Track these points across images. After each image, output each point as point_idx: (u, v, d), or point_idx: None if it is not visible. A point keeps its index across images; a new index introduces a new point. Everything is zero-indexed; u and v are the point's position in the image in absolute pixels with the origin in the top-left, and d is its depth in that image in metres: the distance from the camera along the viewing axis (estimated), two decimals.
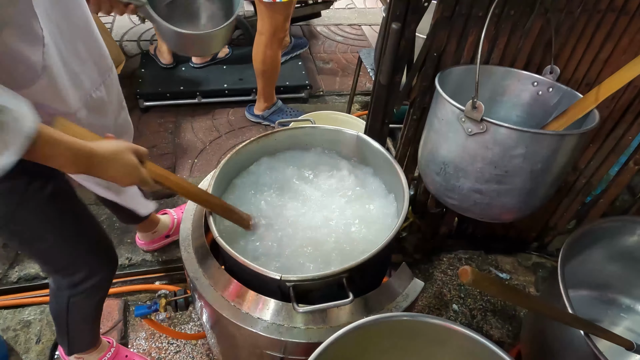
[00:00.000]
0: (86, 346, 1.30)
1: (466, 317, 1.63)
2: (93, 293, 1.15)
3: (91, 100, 1.03)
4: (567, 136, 0.94)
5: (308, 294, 0.90)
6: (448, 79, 1.11)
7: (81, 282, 1.10)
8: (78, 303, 1.14)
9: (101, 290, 1.19)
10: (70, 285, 1.10)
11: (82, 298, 1.14)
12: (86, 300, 1.15)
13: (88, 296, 1.14)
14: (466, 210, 1.09)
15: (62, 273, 1.09)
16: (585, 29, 1.16)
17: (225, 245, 0.89)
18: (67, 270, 1.08)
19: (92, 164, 0.74)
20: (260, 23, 2.03)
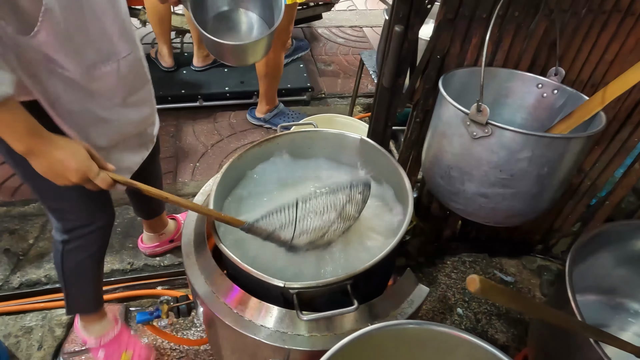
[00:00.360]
0: (85, 307, 1.31)
1: (471, 321, 1.62)
2: (86, 244, 1.16)
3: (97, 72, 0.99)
4: (573, 139, 0.92)
5: (312, 301, 0.88)
6: (451, 81, 1.10)
7: (74, 229, 1.12)
8: (72, 253, 1.16)
9: (95, 243, 1.18)
10: (64, 230, 1.12)
11: (76, 247, 1.15)
12: (80, 251, 1.16)
13: (80, 247, 1.15)
14: (471, 215, 1.08)
15: (57, 214, 1.10)
16: (590, 29, 1.15)
17: (228, 252, 0.87)
18: (62, 213, 1.10)
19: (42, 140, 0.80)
20: None
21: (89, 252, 1.18)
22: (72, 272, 1.21)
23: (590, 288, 1.13)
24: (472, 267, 1.80)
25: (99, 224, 1.15)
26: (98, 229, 1.15)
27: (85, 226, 1.13)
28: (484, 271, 1.79)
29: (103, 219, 1.16)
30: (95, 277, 1.27)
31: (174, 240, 1.71)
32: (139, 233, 1.71)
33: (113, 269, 1.66)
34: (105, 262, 1.66)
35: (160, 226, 1.64)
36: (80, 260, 1.18)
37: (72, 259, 1.17)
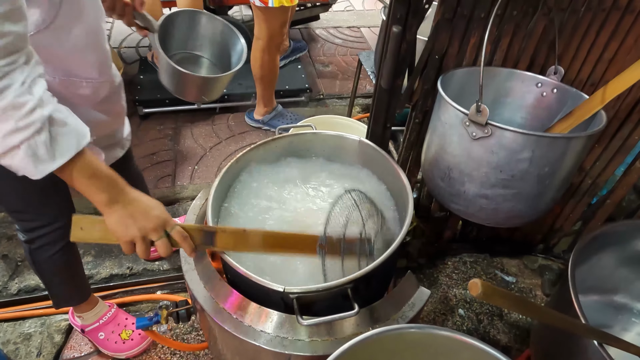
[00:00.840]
0: (71, 300, 1.34)
1: (472, 322, 1.61)
2: (50, 242, 1.16)
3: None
4: (574, 139, 0.91)
5: (312, 305, 0.88)
6: (450, 81, 1.09)
7: (34, 229, 1.13)
8: (39, 252, 1.17)
9: (59, 241, 1.18)
10: (24, 230, 1.13)
11: (40, 247, 1.16)
12: (45, 250, 1.17)
13: (45, 245, 1.16)
14: (472, 216, 1.07)
15: (16, 216, 1.12)
16: (589, 28, 1.14)
17: (227, 257, 0.87)
18: (21, 214, 1.11)
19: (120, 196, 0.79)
20: (257, 28, 2.02)
21: (55, 250, 1.18)
22: (45, 269, 1.23)
23: (593, 288, 1.12)
24: (473, 268, 1.79)
25: (59, 224, 1.15)
26: (58, 228, 1.15)
27: (45, 226, 1.13)
28: (485, 271, 1.78)
29: (62, 219, 1.15)
30: (72, 270, 1.28)
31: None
32: None
33: (112, 274, 1.65)
34: (105, 266, 1.67)
35: None
36: (48, 257, 1.18)
37: (40, 257, 1.18)
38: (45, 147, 0.70)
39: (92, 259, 1.69)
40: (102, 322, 1.41)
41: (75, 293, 1.33)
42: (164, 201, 1.94)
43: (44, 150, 0.70)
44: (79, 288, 1.33)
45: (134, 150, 2.21)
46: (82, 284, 1.35)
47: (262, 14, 1.94)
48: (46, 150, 0.70)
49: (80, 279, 1.33)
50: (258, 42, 2.05)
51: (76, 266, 1.29)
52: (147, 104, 2.39)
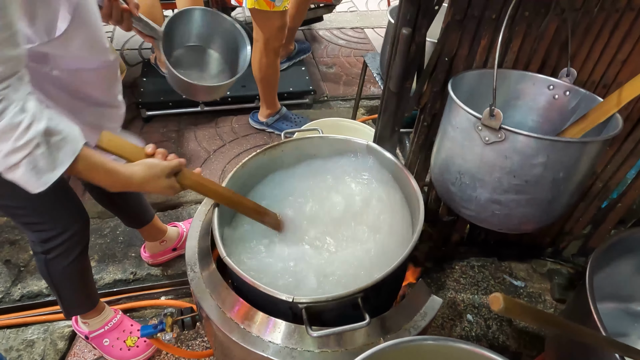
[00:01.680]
0: (82, 308, 1.33)
1: (481, 327, 1.58)
2: (67, 250, 1.15)
3: None
4: (590, 143, 0.89)
5: (321, 315, 0.85)
6: (461, 84, 1.07)
7: (50, 239, 1.12)
8: (54, 262, 1.16)
9: (75, 248, 1.18)
10: (41, 241, 1.12)
11: (56, 256, 1.15)
12: (62, 259, 1.16)
13: (61, 254, 1.15)
14: (484, 222, 1.05)
15: (31, 227, 1.11)
16: (602, 28, 1.11)
17: (234, 265, 0.84)
18: (35, 225, 1.10)
19: (128, 187, 0.86)
20: (255, 31, 2.00)
21: (72, 257, 1.17)
22: (60, 279, 1.21)
23: (609, 296, 1.09)
24: (480, 272, 1.77)
25: (74, 229, 1.14)
26: (74, 234, 1.15)
27: (61, 234, 1.12)
28: (493, 276, 1.76)
29: (77, 224, 1.15)
30: (85, 278, 1.28)
31: (176, 248, 1.68)
32: (142, 242, 1.68)
33: (116, 279, 1.63)
34: (108, 272, 1.65)
35: (159, 234, 1.62)
36: (65, 266, 1.17)
37: (57, 267, 1.17)
38: (45, 159, 0.74)
39: (95, 264, 1.67)
40: (108, 329, 1.39)
41: (86, 300, 1.32)
42: (167, 205, 1.93)
43: (44, 162, 0.74)
44: (89, 295, 1.32)
45: None
46: (92, 291, 1.34)
47: (261, 17, 1.92)
48: (46, 162, 0.74)
49: (91, 285, 1.32)
50: (256, 45, 2.03)
51: (89, 272, 1.29)
52: (150, 107, 2.37)
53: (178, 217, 1.88)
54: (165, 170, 0.88)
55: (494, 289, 1.71)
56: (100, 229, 1.80)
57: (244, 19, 3.40)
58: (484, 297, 1.68)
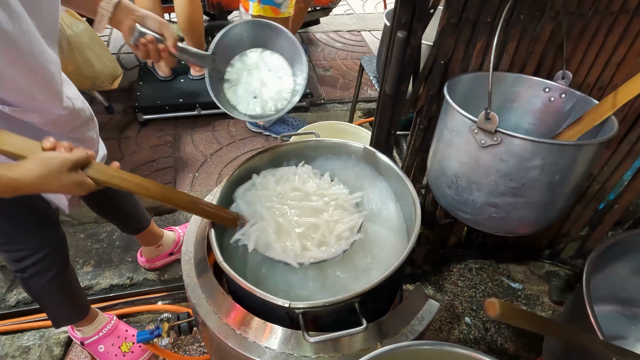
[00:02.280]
0: (69, 319, 1.31)
1: (479, 330, 1.58)
2: (42, 270, 1.11)
3: None
4: (586, 146, 0.89)
5: (318, 320, 0.85)
6: (456, 87, 1.07)
7: (22, 259, 1.08)
8: (31, 280, 1.12)
9: (51, 267, 1.13)
10: (12, 260, 1.08)
11: (32, 275, 1.11)
12: (38, 277, 1.12)
13: (37, 274, 1.11)
14: (480, 225, 1.04)
15: (1, 247, 1.07)
16: (597, 31, 1.12)
17: (230, 270, 0.84)
18: (4, 246, 1.06)
19: (20, 189, 0.69)
20: None
21: (49, 276, 1.13)
22: (40, 295, 1.18)
23: (607, 298, 1.09)
24: (478, 274, 1.77)
25: (46, 251, 1.10)
26: (47, 255, 1.10)
27: (31, 255, 1.08)
28: (491, 278, 1.76)
29: (49, 245, 1.11)
30: (69, 293, 1.25)
31: (173, 253, 1.68)
32: (139, 246, 1.67)
33: (112, 284, 1.63)
34: (104, 277, 1.65)
35: (155, 239, 1.61)
36: (42, 284, 1.14)
37: (34, 284, 1.13)
38: None
39: (91, 269, 1.66)
40: (102, 335, 1.38)
41: (73, 312, 1.30)
42: (164, 209, 1.92)
43: None
44: (76, 307, 1.30)
45: (134, 158, 2.19)
46: (80, 303, 1.31)
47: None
48: None
49: (78, 298, 1.30)
50: None
51: (72, 287, 1.25)
52: (147, 111, 2.36)
53: (175, 221, 1.88)
54: (65, 163, 0.70)
55: (491, 292, 1.71)
56: (96, 234, 1.79)
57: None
58: (482, 299, 1.68)
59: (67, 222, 1.83)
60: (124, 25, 0.91)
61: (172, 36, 0.93)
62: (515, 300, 1.68)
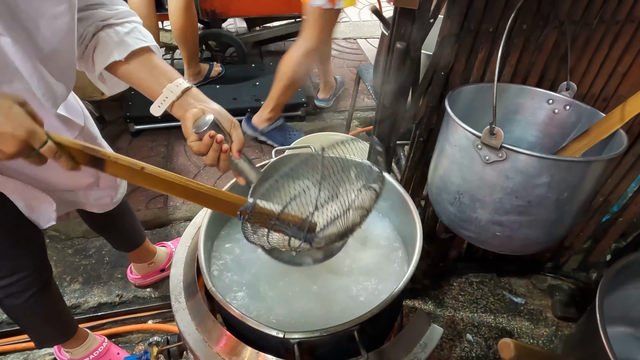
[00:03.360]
0: (52, 340, 1.26)
1: (482, 347, 1.53)
2: (17, 292, 1.04)
3: None
4: (595, 162, 0.85)
5: (315, 350, 0.80)
6: (457, 99, 1.03)
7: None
8: (7, 301, 1.06)
9: (27, 290, 1.06)
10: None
11: (8, 296, 1.04)
12: (14, 299, 1.05)
13: (13, 295, 1.04)
14: (484, 243, 1.00)
15: None
16: (602, 41, 1.08)
17: (221, 297, 0.79)
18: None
19: None
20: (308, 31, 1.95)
21: (25, 297, 1.07)
22: (17, 315, 1.12)
23: (617, 319, 1.05)
24: (479, 289, 1.72)
25: (21, 275, 1.03)
26: (24, 277, 1.03)
27: (11, 275, 1.01)
28: (493, 292, 1.71)
29: (25, 269, 1.03)
30: (50, 314, 1.18)
31: (165, 269, 1.62)
32: (129, 262, 1.61)
33: (100, 302, 1.56)
34: (92, 294, 1.58)
35: (147, 256, 1.55)
36: (19, 304, 1.07)
37: (11, 304, 1.07)
38: None
39: (79, 286, 1.60)
40: (93, 358, 1.32)
41: (58, 332, 1.24)
42: (156, 223, 1.87)
43: None
44: (61, 327, 1.24)
45: None
46: (65, 323, 1.25)
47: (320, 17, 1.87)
48: None
49: (62, 318, 1.23)
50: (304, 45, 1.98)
51: (55, 307, 1.19)
52: (138, 121, 2.31)
53: (167, 235, 1.82)
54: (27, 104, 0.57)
55: (493, 307, 1.66)
56: (85, 249, 1.73)
57: (236, 31, 3.36)
58: (483, 315, 1.63)
59: (55, 237, 1.77)
60: (189, 113, 0.76)
61: (240, 140, 0.79)
62: (518, 315, 1.63)
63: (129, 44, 0.79)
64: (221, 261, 0.99)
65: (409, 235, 0.98)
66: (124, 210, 1.36)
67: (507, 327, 1.58)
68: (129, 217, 1.41)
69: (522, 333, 1.56)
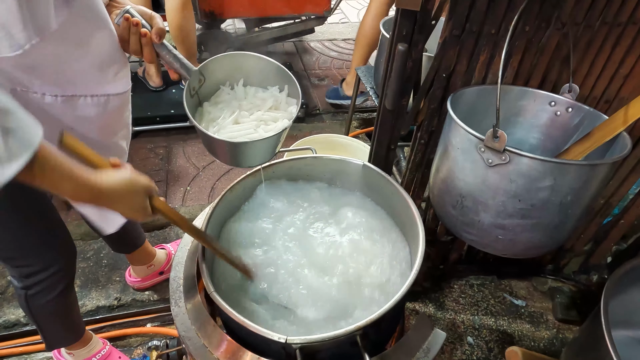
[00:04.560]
0: (64, 341, 1.26)
1: (482, 350, 1.52)
2: (49, 287, 1.07)
3: None
4: (599, 165, 0.84)
5: (317, 355, 0.79)
6: (459, 101, 1.02)
7: (32, 275, 1.03)
8: (36, 298, 1.07)
9: (58, 284, 1.09)
10: (21, 276, 1.04)
11: (38, 292, 1.06)
12: (43, 295, 1.07)
13: (43, 290, 1.07)
14: (487, 247, 0.99)
15: (10, 262, 1.02)
16: (604, 43, 1.08)
17: (222, 302, 0.78)
18: (15, 261, 1.01)
19: (95, 198, 0.66)
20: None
21: (55, 293, 1.09)
22: (42, 314, 1.13)
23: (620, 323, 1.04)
24: (480, 291, 1.71)
25: (57, 266, 1.06)
26: (59, 270, 1.06)
27: (44, 270, 1.03)
28: (493, 295, 1.70)
29: (61, 260, 1.07)
30: (70, 312, 1.20)
31: (164, 272, 1.61)
32: (127, 265, 1.60)
33: (99, 306, 1.55)
34: (91, 297, 1.57)
35: (147, 258, 1.54)
36: (46, 302, 1.09)
37: (38, 302, 1.08)
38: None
39: (77, 289, 1.59)
40: None
41: (71, 334, 1.24)
42: (154, 225, 1.85)
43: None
44: (74, 328, 1.24)
45: None
46: (78, 324, 1.26)
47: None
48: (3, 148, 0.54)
49: (76, 318, 1.24)
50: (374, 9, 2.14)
51: (73, 307, 1.20)
52: (137, 122, 2.30)
53: (166, 237, 1.81)
54: (147, 188, 0.71)
55: (494, 309, 1.65)
56: (83, 252, 1.72)
57: (234, 32, 3.36)
58: (484, 317, 1.62)
59: None
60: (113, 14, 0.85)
61: (159, 28, 0.86)
62: (519, 318, 1.62)
63: None
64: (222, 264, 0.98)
65: (410, 238, 0.98)
66: None
67: (507, 330, 1.57)
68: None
69: (523, 336, 1.55)
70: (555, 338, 1.55)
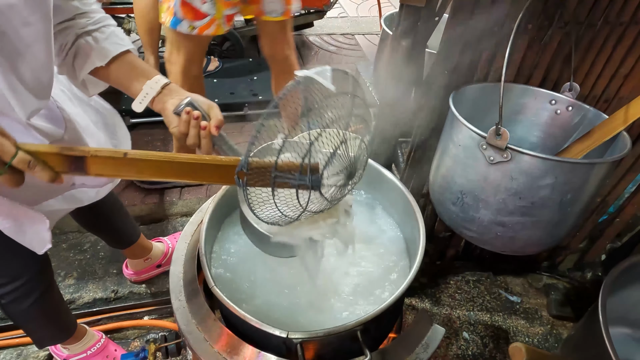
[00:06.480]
0: (54, 340, 1.25)
1: (478, 346, 1.53)
2: (22, 296, 1.03)
3: None
4: (599, 164, 0.84)
5: (318, 350, 0.79)
6: (462, 98, 1.02)
7: (2, 285, 0.99)
8: (11, 306, 1.04)
9: (33, 293, 1.04)
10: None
11: (12, 301, 1.02)
12: (18, 303, 1.04)
13: (17, 299, 1.03)
14: (486, 243, 1.00)
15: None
16: (606, 42, 1.08)
17: (224, 297, 0.78)
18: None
19: None
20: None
21: (30, 301, 1.05)
22: (23, 318, 1.10)
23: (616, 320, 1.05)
24: (476, 287, 1.73)
25: (28, 276, 1.01)
26: (28, 280, 1.02)
27: (12, 282, 1.00)
28: (489, 291, 1.72)
29: (32, 269, 1.02)
30: (53, 315, 1.16)
31: (161, 265, 1.60)
32: (125, 258, 1.60)
33: (95, 298, 1.54)
34: (87, 290, 1.57)
35: (143, 252, 1.53)
36: (23, 309, 1.05)
37: (15, 310, 1.05)
38: None
39: (74, 281, 1.58)
40: (90, 354, 1.30)
41: (58, 332, 1.22)
42: (151, 218, 1.85)
43: None
44: (61, 328, 1.22)
45: None
46: (66, 323, 1.23)
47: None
48: None
49: (63, 318, 1.22)
50: None
51: (57, 309, 1.17)
52: (135, 114, 2.28)
53: (163, 231, 1.80)
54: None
55: (489, 305, 1.67)
56: (80, 244, 1.71)
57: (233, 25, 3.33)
58: (479, 313, 1.64)
59: None
60: (169, 103, 0.81)
61: (218, 118, 0.81)
62: (514, 314, 1.64)
63: (108, 50, 0.82)
64: (222, 258, 0.98)
65: (410, 235, 0.98)
66: (114, 208, 1.35)
67: (502, 326, 1.59)
68: (120, 215, 1.39)
69: (518, 331, 1.57)
70: (549, 334, 1.56)
